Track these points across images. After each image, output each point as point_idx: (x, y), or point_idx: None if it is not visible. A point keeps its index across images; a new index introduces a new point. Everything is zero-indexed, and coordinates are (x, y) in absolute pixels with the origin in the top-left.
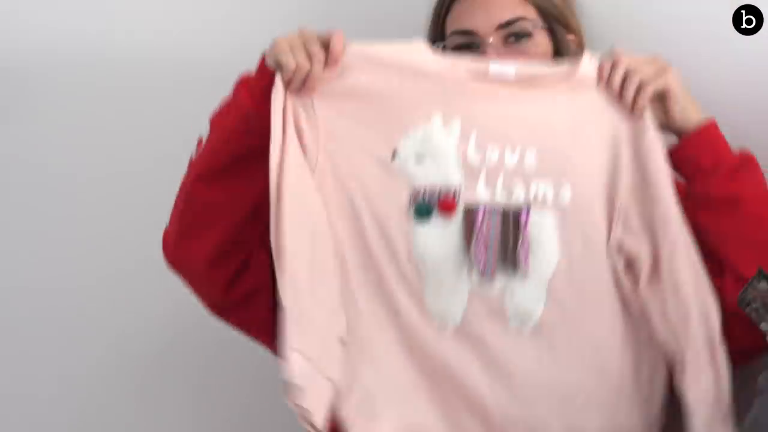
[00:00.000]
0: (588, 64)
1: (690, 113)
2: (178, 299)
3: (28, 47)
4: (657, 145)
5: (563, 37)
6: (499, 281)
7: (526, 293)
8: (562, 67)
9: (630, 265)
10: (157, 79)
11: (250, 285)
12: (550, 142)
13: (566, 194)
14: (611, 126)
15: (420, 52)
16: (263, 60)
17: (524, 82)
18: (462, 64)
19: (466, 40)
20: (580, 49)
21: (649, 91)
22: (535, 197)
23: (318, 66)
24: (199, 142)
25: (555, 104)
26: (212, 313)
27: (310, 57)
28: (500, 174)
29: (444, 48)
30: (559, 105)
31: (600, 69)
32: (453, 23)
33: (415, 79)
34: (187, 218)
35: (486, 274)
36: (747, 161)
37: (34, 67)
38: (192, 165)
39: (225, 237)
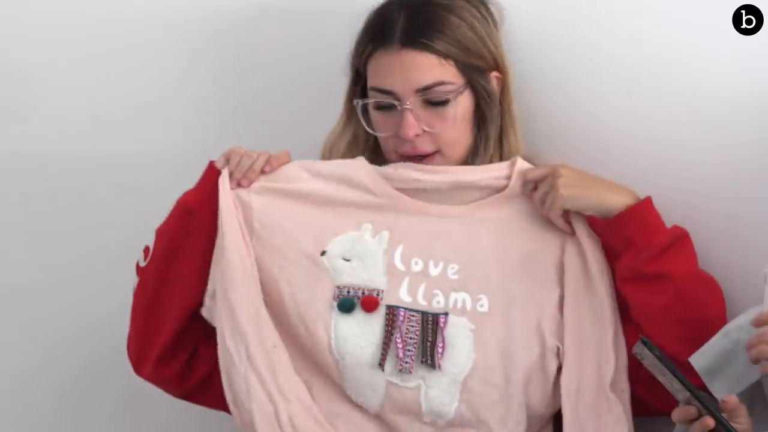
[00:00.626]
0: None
1: (608, 201)
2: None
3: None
4: (591, 246)
5: (486, 85)
6: (416, 378)
7: (441, 391)
8: (495, 173)
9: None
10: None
11: (202, 373)
12: (472, 258)
13: (484, 304)
14: (543, 236)
15: (359, 167)
16: (210, 164)
17: (456, 191)
18: (398, 177)
19: (386, 100)
20: (503, 85)
21: (555, 215)
22: (455, 306)
23: (260, 160)
24: (146, 249)
25: (482, 222)
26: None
27: (255, 158)
28: (422, 283)
29: (364, 105)
30: (485, 222)
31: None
32: (373, 77)
33: (350, 191)
34: (138, 322)
35: (404, 370)
36: (679, 238)
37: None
38: (139, 272)
39: (169, 337)
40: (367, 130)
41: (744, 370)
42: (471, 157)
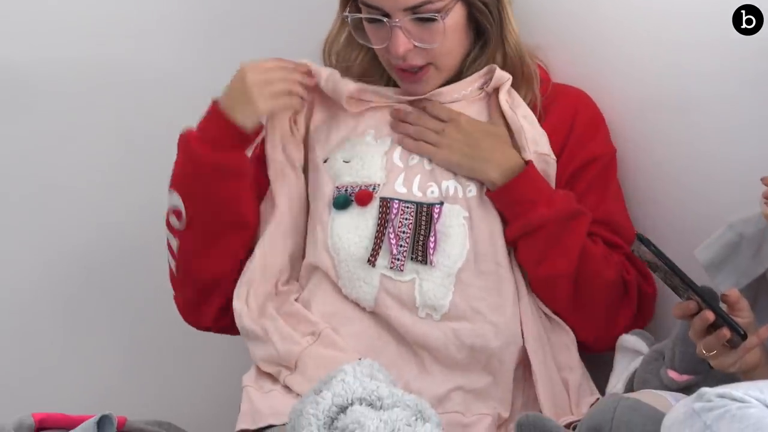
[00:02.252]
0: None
1: (490, 176)
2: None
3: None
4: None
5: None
6: (409, 273)
7: (435, 285)
8: (471, 87)
9: None
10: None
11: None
12: None
13: (472, 189)
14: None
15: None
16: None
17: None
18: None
19: (375, 16)
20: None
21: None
22: (447, 193)
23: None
24: (177, 212)
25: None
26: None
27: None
28: (418, 175)
29: (352, 20)
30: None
31: None
32: None
33: (359, 106)
34: (188, 284)
35: (395, 267)
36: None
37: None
38: (177, 234)
39: (226, 294)
40: (360, 41)
41: (748, 263)
42: (467, 66)
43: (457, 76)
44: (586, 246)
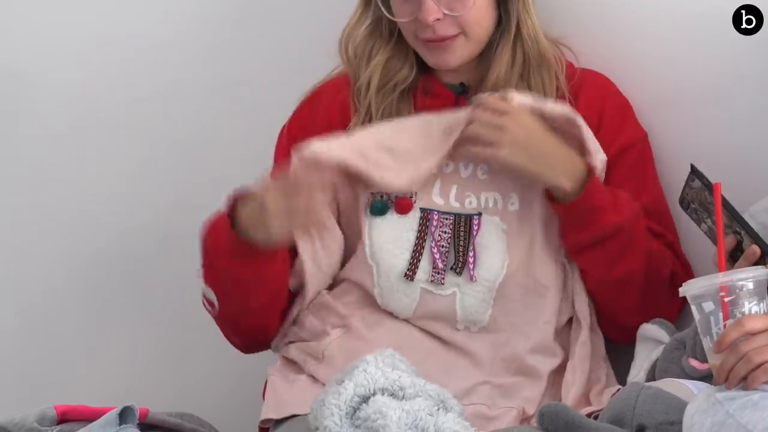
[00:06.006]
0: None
1: (551, 181)
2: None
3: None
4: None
5: None
6: (450, 287)
7: (476, 300)
8: None
9: None
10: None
11: None
12: None
13: (515, 202)
14: None
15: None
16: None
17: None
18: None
19: None
20: None
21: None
22: (486, 205)
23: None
24: (210, 303)
25: None
26: None
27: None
28: (454, 185)
29: None
30: None
31: None
32: None
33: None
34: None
35: (436, 281)
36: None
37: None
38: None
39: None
40: (386, 15)
41: None
42: (495, 35)
43: (483, 58)
44: (649, 240)
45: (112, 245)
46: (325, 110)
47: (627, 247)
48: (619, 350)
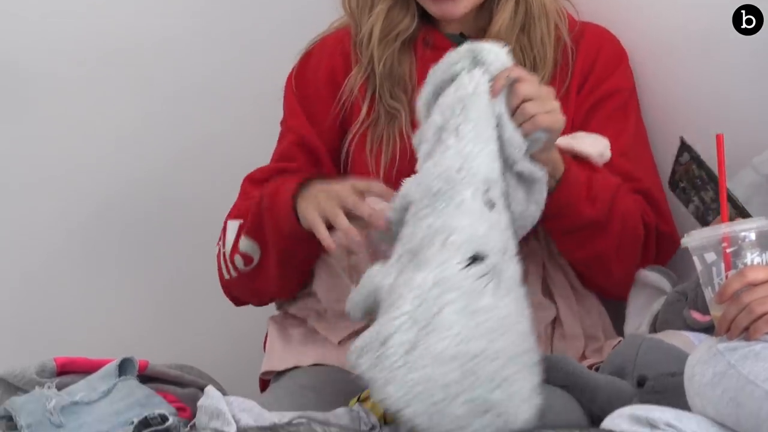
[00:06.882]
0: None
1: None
2: None
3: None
4: None
5: None
6: None
7: None
8: None
9: None
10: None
11: None
12: None
13: None
14: None
15: None
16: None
17: None
18: None
19: None
20: None
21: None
22: None
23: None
24: (246, 257)
25: None
26: None
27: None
28: None
29: None
30: None
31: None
32: None
33: None
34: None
35: None
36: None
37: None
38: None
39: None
40: None
41: None
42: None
43: (484, 9)
44: (624, 209)
45: (113, 199)
46: (327, 62)
47: (599, 230)
48: (615, 303)
